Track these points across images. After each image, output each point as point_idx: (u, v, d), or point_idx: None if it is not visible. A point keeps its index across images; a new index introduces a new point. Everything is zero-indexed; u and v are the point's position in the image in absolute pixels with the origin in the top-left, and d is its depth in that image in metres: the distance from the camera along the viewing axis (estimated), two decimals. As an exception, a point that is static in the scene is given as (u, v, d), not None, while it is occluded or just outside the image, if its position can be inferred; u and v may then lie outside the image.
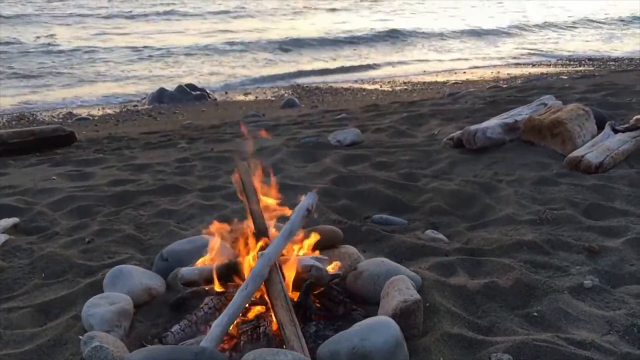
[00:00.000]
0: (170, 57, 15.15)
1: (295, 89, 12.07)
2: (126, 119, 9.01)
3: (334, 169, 4.34)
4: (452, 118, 5.94)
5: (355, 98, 10.75)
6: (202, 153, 5.10)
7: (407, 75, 13.72)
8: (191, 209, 3.68)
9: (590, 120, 4.66)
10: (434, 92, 10.98)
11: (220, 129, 7.00)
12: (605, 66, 13.65)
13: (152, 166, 4.69)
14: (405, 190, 4.03)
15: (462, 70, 14.43)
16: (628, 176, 4.03)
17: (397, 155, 4.69)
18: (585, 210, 3.57)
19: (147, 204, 3.79)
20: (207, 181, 4.24)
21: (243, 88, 12.25)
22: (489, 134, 4.64)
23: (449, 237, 3.41)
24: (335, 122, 6.42)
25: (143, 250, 3.13)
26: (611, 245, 3.10)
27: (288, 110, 9.29)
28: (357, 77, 13.54)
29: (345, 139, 5.06)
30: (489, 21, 22.60)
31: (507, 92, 7.63)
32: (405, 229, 3.50)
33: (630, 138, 4.43)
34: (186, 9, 27.49)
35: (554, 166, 4.26)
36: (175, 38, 18.29)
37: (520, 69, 14.45)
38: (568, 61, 15.40)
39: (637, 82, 7.29)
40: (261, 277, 2.32)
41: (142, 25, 21.31)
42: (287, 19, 23.58)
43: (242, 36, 18.60)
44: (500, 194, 3.89)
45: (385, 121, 6.09)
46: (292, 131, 6.03)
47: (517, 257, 3.03)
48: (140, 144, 6.05)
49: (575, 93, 6.78)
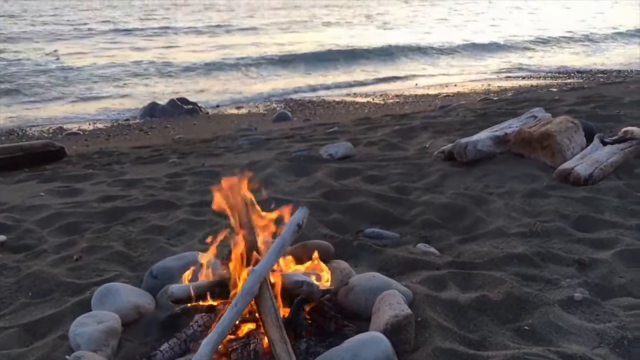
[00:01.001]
0: (163, 72, 15.17)
1: (287, 103, 12.10)
2: (117, 134, 8.98)
3: (325, 183, 4.34)
4: (443, 131, 5.96)
5: (347, 111, 10.79)
6: (193, 168, 5.08)
7: (399, 89, 13.80)
8: (181, 225, 3.65)
9: (579, 132, 4.69)
10: (425, 104, 11.04)
11: (212, 143, 7.00)
12: (594, 78, 13.79)
13: (143, 181, 4.66)
14: (396, 203, 4.03)
15: (453, 83, 14.54)
16: (617, 188, 4.05)
17: (389, 168, 4.70)
18: (575, 223, 3.59)
19: (137, 220, 3.76)
20: (198, 196, 4.22)
21: (235, 102, 12.27)
22: (479, 147, 4.66)
23: (441, 250, 3.41)
24: (327, 136, 6.43)
25: (132, 268, 3.10)
26: (601, 258, 3.11)
27: (280, 123, 9.31)
28: (349, 91, 13.61)
29: (337, 153, 5.07)
30: (480, 35, 22.83)
31: (498, 104, 7.69)
32: (397, 243, 3.49)
33: (619, 150, 4.46)
34: (178, 24, 27.63)
35: (544, 178, 4.28)
36: (169, 53, 18.35)
37: (510, 82, 14.58)
38: (557, 73, 15.56)
39: (625, 94, 7.36)
40: (251, 293, 2.30)
41: (137, 40, 21.36)
42: (283, 34, 23.70)
43: (235, 51, 18.70)
44: (491, 206, 3.90)
45: (377, 134, 6.10)
46: (283, 145, 6.03)
47: (508, 270, 3.03)
48: (131, 158, 6.03)
49: (565, 105, 6.84)
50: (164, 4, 52.05)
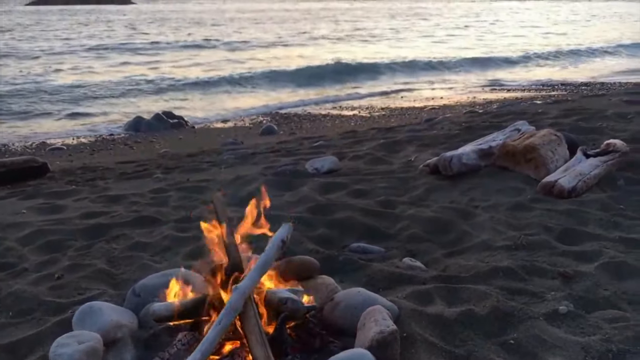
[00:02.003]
0: (149, 87, 15.11)
1: (273, 116, 12.12)
2: (101, 149, 8.92)
3: (311, 198, 4.33)
4: (428, 144, 5.99)
5: (333, 124, 10.82)
6: (178, 183, 5.05)
7: (385, 102, 13.88)
8: (165, 241, 3.61)
9: (563, 145, 4.74)
10: (411, 117, 11.11)
11: (198, 158, 6.97)
12: (577, 91, 14.00)
13: (127, 197, 4.61)
14: (382, 217, 4.03)
15: (439, 96, 14.67)
16: (600, 200, 4.09)
17: (374, 182, 4.71)
18: (559, 235, 3.61)
19: (120, 237, 3.72)
20: (182, 212, 4.19)
21: (221, 117, 12.25)
22: (464, 160, 4.68)
23: (426, 264, 3.40)
24: (313, 150, 6.43)
25: (115, 286, 3.05)
26: (585, 270, 3.13)
27: (267, 137, 9.31)
28: (335, 104, 13.66)
29: (323, 167, 5.07)
30: (467, 51, 23.09)
31: (483, 117, 7.76)
32: (383, 258, 3.49)
33: (602, 162, 4.51)
34: (168, 39, 27.64)
35: (528, 191, 4.31)
36: (155, 69, 18.32)
37: (495, 94, 14.74)
38: (542, 86, 15.77)
39: (608, 106, 7.47)
40: (235, 311, 2.28)
41: (123, 56, 21.31)
42: (270, 49, 23.76)
43: (222, 67, 18.72)
44: (476, 220, 3.91)
45: (363, 148, 6.12)
46: (269, 159, 6.02)
47: (494, 284, 3.03)
48: (115, 174, 5.98)
49: (548, 118, 6.92)
50: (149, 18, 52.12)
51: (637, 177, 4.54)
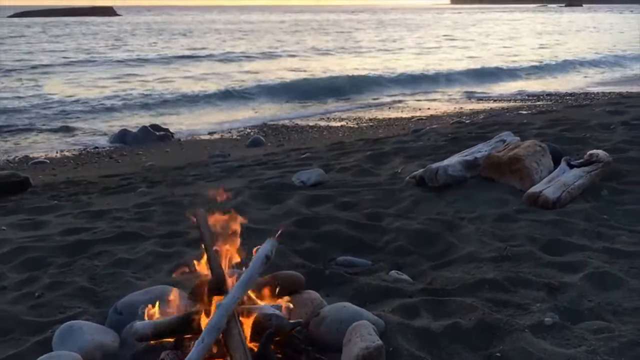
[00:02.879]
0: (135, 101, 14.99)
1: (261, 128, 12.10)
2: (86, 162, 8.82)
3: (297, 211, 4.31)
4: (415, 155, 6.01)
5: (321, 136, 10.83)
6: (162, 197, 5.00)
7: (373, 113, 13.92)
8: (149, 258, 3.57)
9: (547, 156, 4.77)
10: (399, 128, 11.16)
11: (184, 171, 6.92)
12: (562, 101, 14.16)
13: (110, 212, 4.56)
14: (369, 230, 4.02)
15: (426, 107, 14.76)
16: (584, 211, 4.12)
17: (361, 194, 4.70)
18: (544, 246, 3.62)
19: (103, 254, 3.66)
20: (167, 227, 4.14)
21: (208, 129, 12.19)
22: (450, 172, 4.70)
23: (413, 277, 3.40)
24: (300, 162, 6.42)
25: (97, 304, 3.00)
26: (570, 281, 3.14)
27: (254, 149, 9.29)
28: (324, 115, 13.67)
29: (309, 179, 5.05)
30: (454, 62, 23.28)
31: (469, 128, 7.81)
32: (370, 271, 3.48)
33: (585, 173, 4.55)
34: (156, 51, 27.58)
35: (514, 202, 4.33)
36: (142, 83, 18.23)
37: (482, 104, 14.87)
38: (527, 96, 15.93)
39: (591, 117, 7.55)
40: (218, 328, 2.25)
41: (109, 69, 21.21)
42: (259, 62, 23.76)
43: (210, 80, 18.71)
44: (463, 231, 3.92)
45: (350, 160, 6.12)
46: (256, 172, 6.00)
47: (480, 296, 3.03)
48: (99, 188, 5.91)
49: (533, 128, 6.97)
50: (136, 30, 52.02)
51: (620, 187, 4.58)
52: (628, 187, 4.59)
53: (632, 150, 5.53)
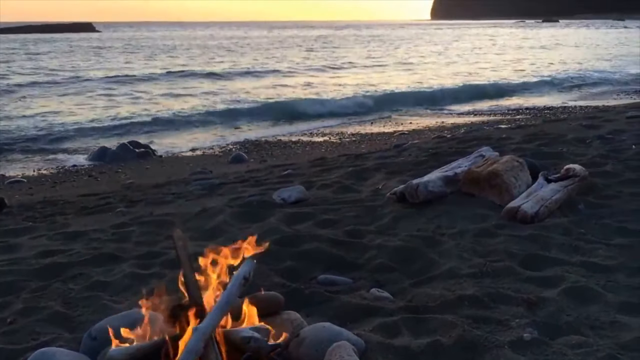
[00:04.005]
0: (114, 121, 14.80)
1: (243, 144, 12.07)
2: (64, 180, 8.69)
3: (278, 229, 4.29)
4: (396, 171, 6.03)
5: (304, 151, 10.84)
6: (141, 217, 4.93)
7: (356, 128, 13.97)
8: (126, 280, 3.51)
9: (525, 171, 4.83)
10: (381, 142, 11.22)
11: (164, 189, 6.86)
12: (540, 115, 14.38)
13: (87, 234, 4.48)
14: (350, 248, 4.02)
15: (408, 121, 14.88)
16: (562, 225, 4.16)
17: (342, 211, 4.70)
18: (523, 261, 3.65)
19: (78, 277, 3.59)
20: (145, 248, 4.08)
21: (190, 145, 12.13)
22: (430, 188, 4.72)
23: (394, 294, 3.39)
24: (281, 179, 6.41)
25: (71, 329, 2.93)
26: (548, 296, 3.16)
27: (236, 165, 9.25)
28: (307, 131, 13.68)
29: (290, 197, 5.04)
30: (433, 80, 23.50)
31: (449, 143, 7.87)
32: (351, 289, 3.46)
33: (562, 187, 4.60)
34: (138, 69, 27.44)
35: (493, 217, 4.36)
36: (124, 101, 18.08)
37: (463, 118, 15.05)
38: (507, 110, 16.16)
39: (568, 131, 7.67)
40: (196, 353, 2.22)
41: (91, 88, 21.01)
42: (243, 80, 23.69)
43: (190, 98, 18.63)
44: (443, 247, 3.93)
45: (331, 176, 6.12)
46: (237, 190, 5.96)
47: (460, 313, 3.04)
48: (76, 208, 5.81)
49: (512, 143, 7.06)
50: (116, 46, 51.82)
51: (596, 201, 4.65)
52: (604, 201, 4.66)
53: (608, 164, 5.62)
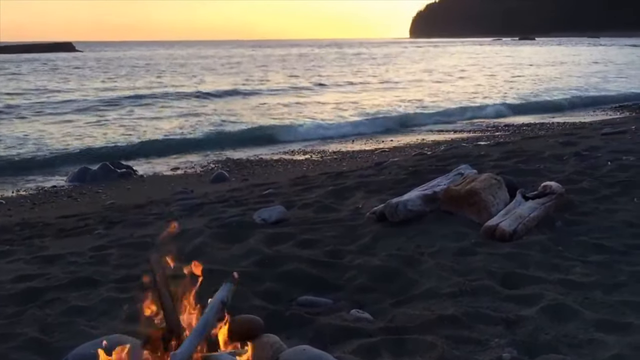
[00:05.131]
0: (99, 142, 14.59)
1: (225, 163, 12.02)
2: (43, 202, 8.55)
3: (258, 250, 4.28)
4: (376, 190, 6.06)
5: (285, 169, 10.83)
6: (120, 239, 4.88)
7: (337, 146, 14.00)
8: (104, 304, 3.46)
9: (502, 188, 4.89)
10: (362, 160, 11.26)
11: (145, 209, 6.79)
12: (519, 131, 14.60)
13: (65, 257, 4.41)
14: (330, 268, 4.02)
15: (389, 139, 14.98)
16: (540, 242, 4.21)
17: (323, 231, 4.70)
18: (502, 280, 3.68)
19: (55, 301, 3.53)
20: (123, 271, 4.04)
21: (171, 165, 12.04)
22: (409, 207, 4.75)
23: (374, 315, 3.39)
24: (262, 198, 6.40)
25: (47, 356, 2.87)
26: (527, 314, 3.19)
27: (217, 185, 9.20)
28: (287, 150, 13.67)
29: (270, 217, 5.03)
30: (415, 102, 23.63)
31: (429, 161, 7.95)
32: (331, 310, 3.46)
33: (539, 205, 4.67)
34: (117, 92, 27.17)
35: (472, 236, 4.40)
36: (104, 124, 17.86)
37: (443, 135, 15.20)
38: (486, 127, 16.38)
39: (545, 148, 7.81)
40: (173, 380, 2.19)
41: (76, 110, 20.70)
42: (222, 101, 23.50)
43: (172, 119, 18.48)
44: (423, 267, 3.95)
45: (312, 195, 6.13)
46: (217, 210, 5.94)
47: (440, 333, 3.05)
48: (55, 230, 5.73)
49: (490, 160, 7.16)
50: (98, 66, 51.51)
51: (573, 218, 4.72)
52: (581, 218, 4.74)
53: (584, 181, 5.72)
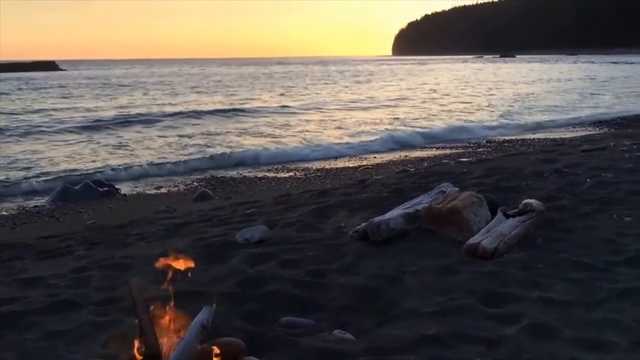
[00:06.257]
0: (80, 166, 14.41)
1: (209, 181, 11.98)
2: (25, 222, 8.44)
3: (240, 270, 4.26)
4: (359, 208, 6.08)
5: (269, 187, 10.82)
6: (101, 260, 4.82)
7: (321, 163, 14.02)
8: (84, 328, 3.40)
9: (484, 206, 4.94)
10: (346, 177, 11.30)
11: (127, 229, 6.73)
12: (500, 148, 14.77)
13: (44, 279, 4.35)
14: (312, 288, 4.00)
15: (372, 155, 15.06)
16: (521, 260, 4.25)
17: (305, 251, 4.70)
18: (483, 298, 3.69)
19: (34, 325, 3.46)
20: (104, 293, 3.98)
21: (154, 183, 11.96)
22: (392, 225, 4.77)
23: (357, 335, 3.38)
24: (245, 218, 6.37)
25: (24, 382, 2.83)
26: (508, 334, 3.20)
27: (201, 203, 9.15)
28: (272, 167, 13.66)
29: (253, 237, 5.02)
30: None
31: (412, 178, 8.00)
32: (313, 331, 3.44)
33: (520, 222, 4.72)
34: (101, 112, 26.88)
35: (454, 254, 4.42)
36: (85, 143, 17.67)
37: (426, 152, 15.33)
38: (468, 143, 16.56)
39: (526, 165, 7.91)
40: (151, 406, 2.16)
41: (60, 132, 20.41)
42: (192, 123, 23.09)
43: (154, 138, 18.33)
44: (405, 286, 3.95)
45: (295, 214, 6.13)
46: (200, 229, 5.90)
47: (422, 353, 3.05)
48: (35, 252, 5.64)
49: (472, 178, 7.22)
50: (81, 85, 51.13)
51: (553, 235, 4.77)
52: (561, 235, 4.78)
53: (564, 198, 5.80)
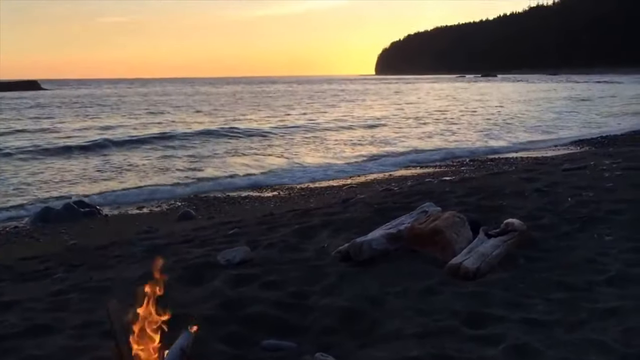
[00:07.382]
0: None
1: (192, 200, 11.90)
2: (3, 243, 8.28)
3: (221, 292, 4.22)
4: (342, 228, 6.08)
5: (253, 207, 10.77)
6: (80, 283, 4.74)
7: (306, 183, 14.00)
8: (61, 353, 3.33)
9: (465, 226, 4.97)
10: (330, 196, 11.29)
11: (108, 250, 6.64)
12: (483, 166, 14.91)
13: (22, 303, 4.26)
14: (294, 310, 3.98)
15: (356, 174, 15.10)
16: (503, 280, 4.27)
17: (287, 272, 4.67)
18: (465, 319, 3.69)
19: (10, 351, 3.38)
20: (82, 316, 3.91)
21: (137, 203, 11.84)
22: (374, 246, 4.78)
23: (339, 358, 3.35)
24: (227, 238, 6.33)
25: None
26: (491, 354, 3.20)
27: (184, 223, 9.07)
28: (255, 186, 13.62)
29: (235, 258, 4.98)
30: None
31: (395, 198, 8.03)
32: (295, 354, 3.41)
33: (502, 242, 4.75)
34: (87, 132, 26.62)
35: (436, 274, 4.43)
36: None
37: (410, 171, 15.40)
38: (451, 161, 16.70)
39: (508, 184, 7.99)
40: None
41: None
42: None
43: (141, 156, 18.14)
44: (388, 307, 3.95)
45: (277, 235, 6.11)
46: (182, 251, 5.84)
47: (404, 376, 3.03)
48: (13, 274, 5.54)
49: (455, 197, 7.27)
50: (65, 104, 50.67)
51: (534, 254, 4.81)
52: (542, 255, 4.82)
53: (545, 218, 5.86)
